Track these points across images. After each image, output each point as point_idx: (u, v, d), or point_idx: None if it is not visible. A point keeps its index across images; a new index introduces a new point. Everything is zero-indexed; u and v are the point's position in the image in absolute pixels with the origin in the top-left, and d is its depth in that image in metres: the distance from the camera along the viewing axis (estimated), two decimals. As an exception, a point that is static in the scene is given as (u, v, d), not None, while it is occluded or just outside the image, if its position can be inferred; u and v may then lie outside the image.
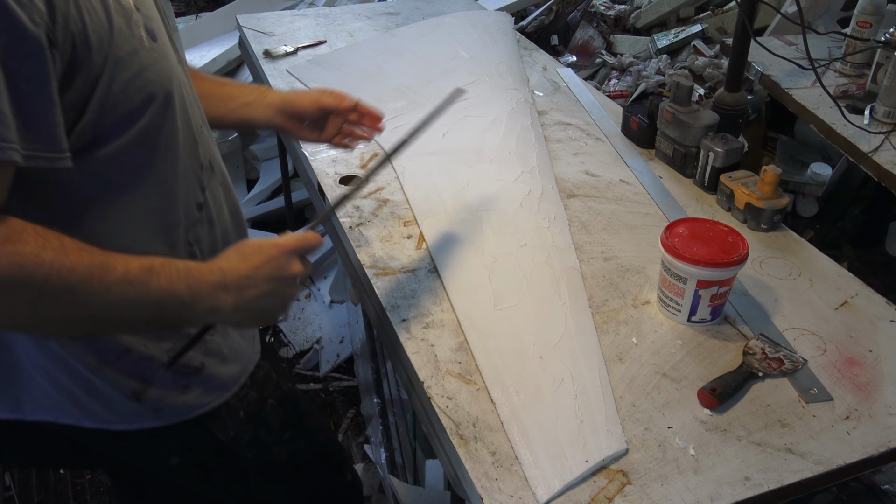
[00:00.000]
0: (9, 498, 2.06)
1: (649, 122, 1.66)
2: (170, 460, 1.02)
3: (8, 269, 0.66)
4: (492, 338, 1.13)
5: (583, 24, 3.55)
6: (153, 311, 0.77)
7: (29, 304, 0.69)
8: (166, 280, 0.77)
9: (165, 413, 0.96)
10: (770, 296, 1.24)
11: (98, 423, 0.95)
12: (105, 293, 0.72)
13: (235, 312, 0.82)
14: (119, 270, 0.73)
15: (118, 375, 0.91)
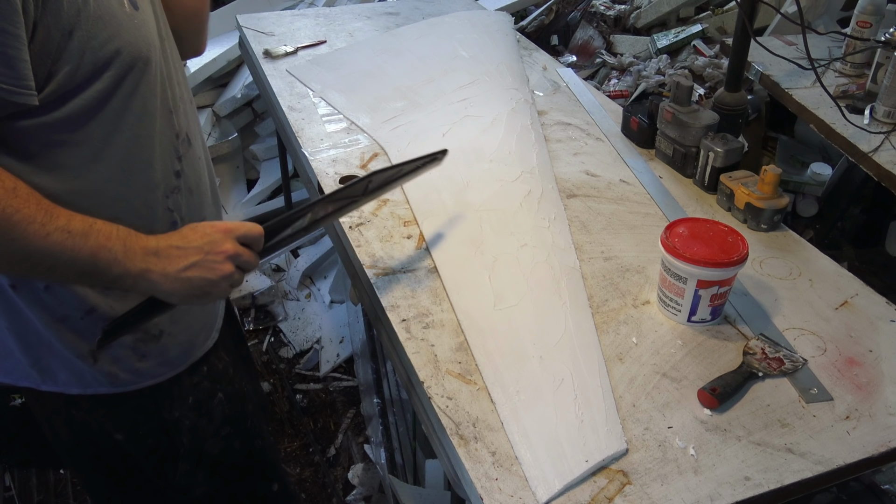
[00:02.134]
0: (9, 498, 2.06)
1: (649, 122, 1.66)
2: (115, 435, 1.04)
3: None
4: (492, 338, 1.13)
5: (583, 24, 3.55)
6: (87, 262, 0.81)
7: None
8: (104, 237, 0.82)
9: (120, 379, 0.99)
10: (770, 296, 1.24)
11: (55, 386, 0.98)
12: (44, 237, 0.77)
13: (165, 279, 0.86)
14: (61, 220, 0.79)
15: (79, 335, 0.94)
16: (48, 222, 0.77)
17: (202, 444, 1.11)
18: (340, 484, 2.07)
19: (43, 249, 0.78)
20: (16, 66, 0.75)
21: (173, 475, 1.11)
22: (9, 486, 2.09)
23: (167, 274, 0.86)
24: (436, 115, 1.77)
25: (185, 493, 1.14)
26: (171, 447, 1.09)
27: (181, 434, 1.08)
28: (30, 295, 0.92)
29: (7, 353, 0.97)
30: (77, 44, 0.80)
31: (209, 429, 1.12)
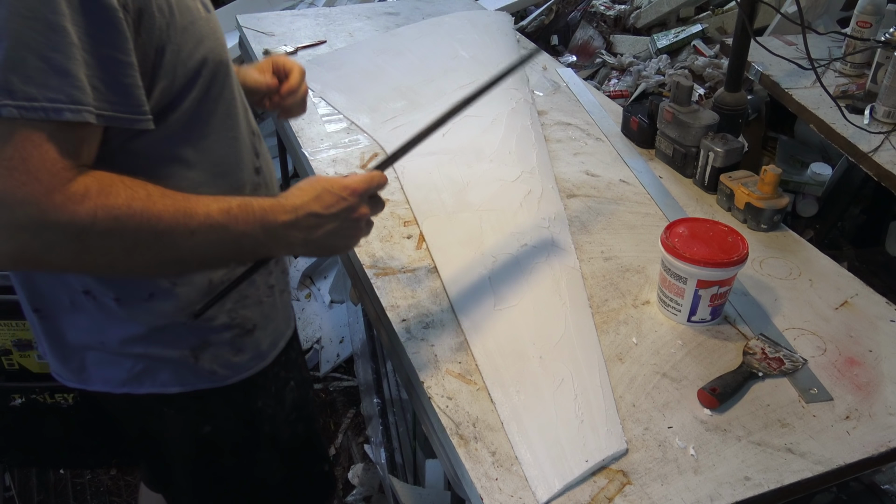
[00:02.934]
0: (9, 498, 2.06)
1: (649, 122, 1.66)
2: (202, 428, 1.06)
3: (104, 221, 0.72)
4: (492, 338, 1.13)
5: (583, 24, 3.55)
6: (233, 250, 0.84)
7: (125, 252, 0.75)
8: (244, 223, 0.82)
9: (218, 375, 1.01)
10: (770, 296, 1.24)
11: (153, 387, 0.98)
12: (190, 237, 0.78)
13: (305, 246, 0.89)
14: (201, 215, 0.79)
15: (181, 337, 0.96)
16: (189, 221, 0.78)
17: (277, 432, 1.13)
18: (340, 484, 2.07)
19: (191, 248, 0.79)
20: (132, 93, 0.75)
21: (252, 467, 1.13)
22: (9, 486, 2.09)
23: (307, 242, 0.88)
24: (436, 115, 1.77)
25: (263, 483, 1.16)
26: (252, 438, 1.11)
27: (263, 423, 1.10)
28: (134, 307, 0.92)
29: (109, 362, 0.97)
30: (169, 58, 0.80)
31: (281, 416, 1.13)
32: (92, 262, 0.75)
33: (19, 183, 0.67)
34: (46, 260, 0.72)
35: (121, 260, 0.76)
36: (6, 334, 1.86)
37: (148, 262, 0.78)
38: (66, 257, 0.72)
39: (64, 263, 0.74)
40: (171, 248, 0.78)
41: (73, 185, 0.70)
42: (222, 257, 0.86)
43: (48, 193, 0.68)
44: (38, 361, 1.92)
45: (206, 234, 0.80)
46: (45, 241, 0.70)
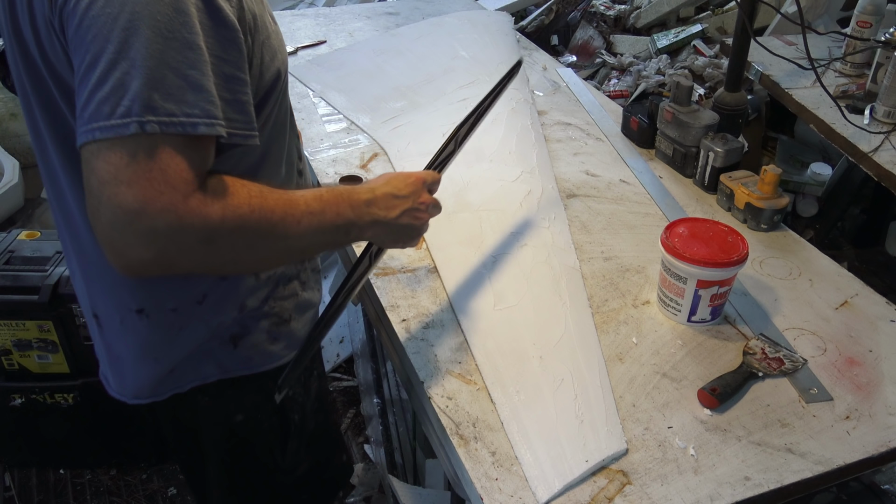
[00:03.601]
0: (9, 498, 2.06)
1: (649, 122, 1.66)
2: (236, 416, 1.10)
3: (232, 220, 0.77)
4: (492, 338, 1.13)
5: (583, 24, 3.55)
6: (332, 232, 0.89)
7: (248, 246, 0.80)
8: (335, 204, 0.89)
9: (254, 361, 1.05)
10: (770, 296, 1.24)
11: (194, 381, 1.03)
12: (297, 225, 0.84)
13: (385, 227, 0.95)
14: (301, 204, 0.85)
15: (224, 327, 1.00)
16: (295, 210, 0.83)
17: (304, 420, 1.18)
18: (346, 478, 2.07)
19: (300, 236, 0.85)
20: (248, 111, 0.80)
21: (282, 456, 1.17)
22: (9, 486, 2.09)
23: (388, 221, 0.94)
24: (436, 115, 1.77)
25: (291, 472, 1.20)
26: (283, 426, 1.15)
27: (293, 412, 1.15)
28: (189, 312, 0.97)
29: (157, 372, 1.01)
30: (256, 72, 0.85)
31: (308, 405, 1.19)
32: (220, 260, 0.80)
33: (158, 192, 0.71)
34: (179, 263, 0.76)
35: (244, 254, 0.81)
36: (6, 334, 1.86)
37: (266, 255, 0.84)
38: (197, 258, 0.77)
39: (193, 264, 0.78)
40: (284, 238, 0.83)
41: (203, 195, 0.75)
42: (323, 241, 0.91)
43: (184, 200, 0.72)
44: (37, 361, 1.92)
45: (309, 221, 0.85)
46: (181, 244, 0.74)
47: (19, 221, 2.92)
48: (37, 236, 1.99)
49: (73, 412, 1.99)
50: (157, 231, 0.71)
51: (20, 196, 2.95)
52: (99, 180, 0.70)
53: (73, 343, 1.89)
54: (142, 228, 0.71)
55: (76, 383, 1.94)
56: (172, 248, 0.73)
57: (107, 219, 0.71)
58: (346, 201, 0.90)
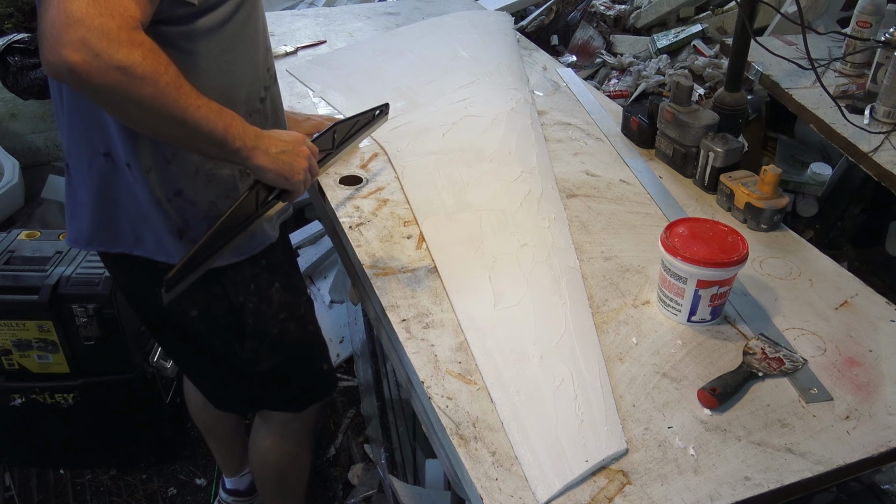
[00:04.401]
0: (9, 498, 2.06)
1: (649, 122, 1.66)
2: (191, 312, 1.29)
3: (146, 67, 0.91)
4: (492, 338, 1.13)
5: (583, 24, 3.55)
6: (220, 135, 1.02)
7: (151, 99, 0.93)
8: (230, 116, 1.04)
9: None
10: (770, 296, 1.24)
11: (145, 252, 1.22)
12: (196, 109, 0.98)
13: (266, 156, 1.09)
14: (204, 100, 1.00)
15: (169, 215, 1.17)
16: (199, 99, 0.98)
17: (264, 325, 1.34)
18: (340, 484, 2.07)
19: (196, 118, 0.98)
20: None
21: (241, 350, 1.35)
22: (9, 486, 2.09)
23: (269, 152, 1.09)
24: (436, 115, 1.77)
25: (253, 365, 1.38)
26: (238, 326, 1.32)
27: (246, 316, 1.31)
28: (139, 175, 1.14)
29: (112, 224, 1.21)
30: None
31: (269, 312, 1.34)
32: (125, 99, 0.92)
33: (98, 13, 0.86)
34: (94, 80, 0.88)
35: (146, 104, 0.93)
36: (6, 334, 1.86)
37: (160, 118, 0.96)
38: (109, 83, 0.89)
39: (105, 89, 0.90)
40: (183, 111, 0.96)
41: (135, 33, 0.90)
42: (212, 139, 1.02)
43: (117, 29, 0.87)
44: (37, 361, 1.92)
45: (207, 112, 0.99)
46: (101, 62, 0.87)
47: (19, 221, 2.92)
48: (37, 236, 1.99)
49: (73, 412, 1.99)
50: (86, 42, 0.85)
51: (20, 196, 2.95)
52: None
53: (73, 343, 1.89)
54: (76, 35, 0.85)
55: (76, 383, 1.94)
56: (94, 61, 0.86)
57: (51, 18, 0.85)
58: (240, 121, 1.06)
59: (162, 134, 1.03)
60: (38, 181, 3.09)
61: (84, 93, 0.93)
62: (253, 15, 1.14)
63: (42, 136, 3.25)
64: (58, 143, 3.32)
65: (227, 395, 1.54)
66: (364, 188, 1.52)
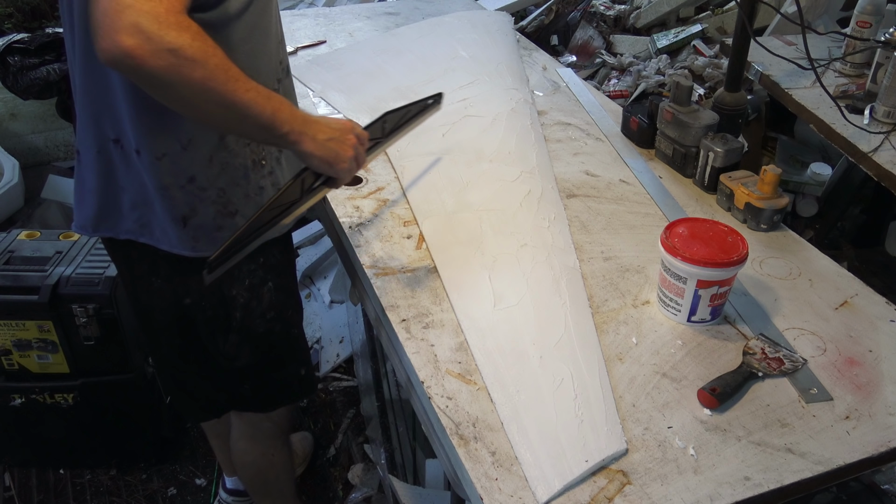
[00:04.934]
0: (9, 498, 2.06)
1: (649, 122, 1.66)
2: (185, 299, 1.31)
3: (198, 48, 0.92)
4: (492, 338, 1.13)
5: (583, 24, 3.55)
6: (268, 118, 1.03)
7: (202, 82, 0.94)
8: (279, 101, 1.05)
9: (200, 244, 1.22)
10: (770, 296, 1.24)
11: (150, 240, 1.23)
12: (245, 92, 0.99)
13: (313, 142, 1.09)
14: (253, 83, 1.01)
15: (177, 201, 1.18)
16: (248, 83, 0.99)
17: (251, 322, 1.35)
18: (340, 484, 2.07)
19: (245, 101, 0.99)
20: None
21: (224, 344, 1.36)
22: (9, 486, 2.09)
23: (316, 138, 1.09)
24: (436, 115, 1.77)
25: (232, 360, 1.39)
26: (225, 319, 1.33)
27: (236, 309, 1.32)
28: (149, 161, 1.15)
29: (117, 210, 1.22)
30: None
31: (258, 310, 1.35)
32: (177, 83, 0.93)
33: (158, 11, 0.89)
34: (147, 64, 0.90)
35: (196, 88, 0.95)
36: (6, 334, 1.86)
37: (213, 100, 0.97)
38: (160, 68, 0.91)
39: (157, 73, 0.92)
40: (232, 94, 0.97)
41: (182, 17, 0.92)
42: (259, 123, 1.03)
43: (165, 13, 0.90)
44: (37, 361, 1.92)
45: (256, 96, 1.00)
46: (153, 45, 0.89)
47: (19, 221, 2.92)
48: (37, 236, 1.99)
49: (73, 412, 1.99)
50: (139, 25, 0.88)
51: (20, 196, 2.95)
52: None
53: (73, 343, 1.89)
54: (128, 19, 0.88)
55: (76, 383, 1.94)
56: (146, 44, 0.89)
57: (102, 7, 0.88)
58: (290, 107, 1.07)
59: (211, 118, 1.04)
60: (38, 181, 3.09)
61: (138, 78, 0.94)
62: (269, 5, 1.16)
63: (42, 136, 3.25)
64: (58, 143, 3.33)
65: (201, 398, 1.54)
66: (364, 188, 1.52)
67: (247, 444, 1.61)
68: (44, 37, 3.09)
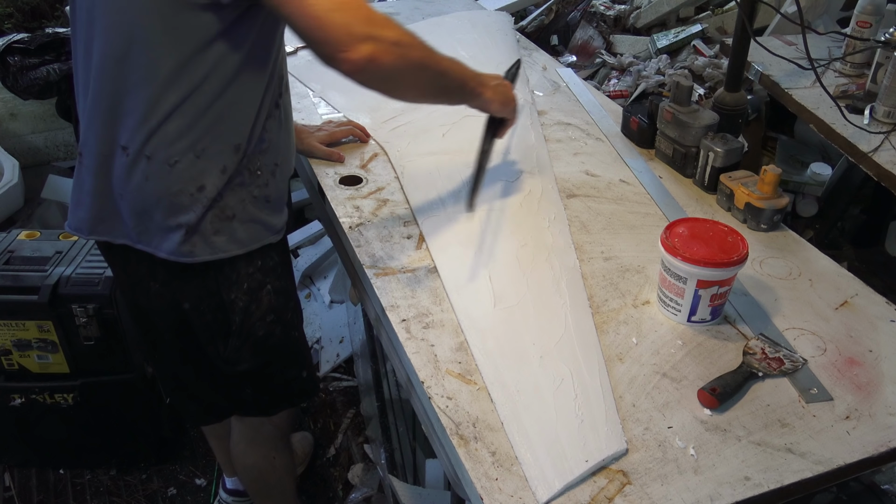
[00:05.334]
0: (9, 498, 2.06)
1: (649, 122, 1.66)
2: (183, 304, 1.30)
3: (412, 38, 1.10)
4: (492, 338, 1.13)
5: (583, 24, 3.55)
6: (462, 80, 1.24)
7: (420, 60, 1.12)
8: (457, 62, 1.22)
9: (196, 250, 1.22)
10: (770, 296, 1.24)
11: (147, 247, 1.23)
12: (443, 59, 1.17)
13: (490, 90, 1.29)
14: (449, 56, 1.19)
15: (182, 209, 1.18)
16: (447, 59, 1.18)
17: (250, 325, 1.34)
18: (340, 484, 2.07)
19: (447, 68, 1.19)
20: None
21: (224, 349, 1.35)
22: (9, 486, 2.09)
23: (489, 85, 1.28)
24: (436, 115, 1.77)
25: (232, 365, 1.38)
26: (225, 324, 1.33)
27: (235, 314, 1.32)
28: (159, 167, 1.15)
29: (114, 215, 1.22)
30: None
31: (257, 314, 1.34)
32: (406, 70, 1.10)
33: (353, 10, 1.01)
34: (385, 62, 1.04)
35: (420, 68, 1.13)
36: (6, 334, 1.86)
37: (431, 75, 1.16)
38: (393, 61, 1.05)
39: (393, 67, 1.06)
40: (438, 63, 1.16)
41: (380, 15, 1.04)
42: (455, 85, 1.23)
43: (373, 17, 1.03)
44: (37, 362, 1.92)
45: (447, 59, 1.18)
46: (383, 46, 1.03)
47: (19, 221, 2.92)
48: (37, 236, 1.99)
49: (73, 412, 1.99)
50: (369, 33, 1.01)
51: (20, 196, 2.95)
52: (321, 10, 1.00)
53: (72, 343, 1.89)
54: (356, 33, 1.01)
55: (76, 383, 1.94)
56: (379, 46, 1.02)
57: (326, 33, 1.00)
58: (461, 65, 1.23)
59: (426, 91, 1.21)
60: (38, 181, 3.09)
61: (380, 77, 1.08)
62: (280, 26, 1.19)
63: (42, 136, 3.25)
64: (58, 143, 3.33)
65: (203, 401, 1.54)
66: (364, 188, 1.52)
67: (248, 446, 1.62)
68: (44, 37, 3.09)
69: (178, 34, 1.08)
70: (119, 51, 1.10)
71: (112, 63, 1.11)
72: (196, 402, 1.54)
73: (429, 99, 1.28)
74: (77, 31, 1.17)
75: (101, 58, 1.12)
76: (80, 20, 1.15)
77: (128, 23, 1.08)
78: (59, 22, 3.86)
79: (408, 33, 1.09)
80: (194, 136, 1.14)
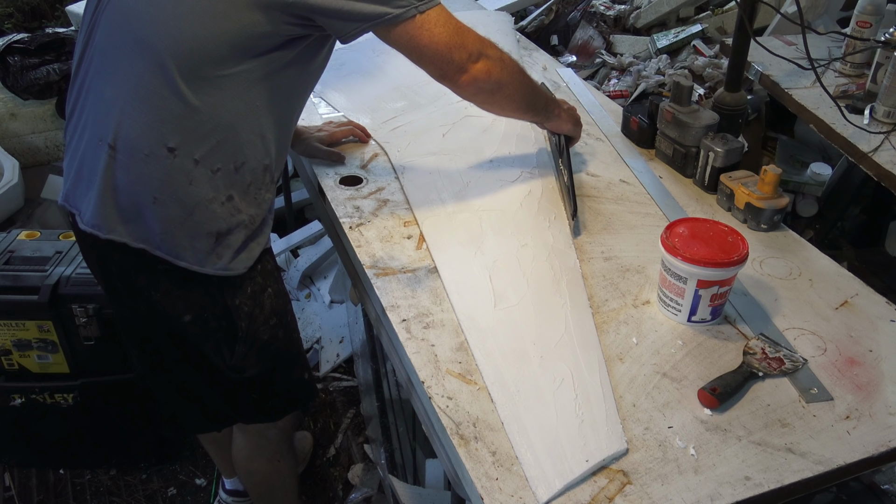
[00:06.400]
0: (9, 498, 2.06)
1: (649, 122, 1.66)
2: (184, 316, 1.27)
3: (509, 58, 1.30)
4: (492, 338, 1.13)
5: (583, 24, 3.55)
6: (544, 101, 1.45)
7: (517, 77, 1.33)
8: (544, 90, 1.48)
9: (198, 256, 1.20)
10: (770, 296, 1.24)
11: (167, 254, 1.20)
12: (538, 86, 1.43)
13: (563, 112, 1.50)
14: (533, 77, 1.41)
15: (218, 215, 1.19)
16: (532, 80, 1.39)
17: (255, 330, 1.34)
18: (340, 484, 2.07)
19: (534, 84, 1.40)
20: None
21: (230, 356, 1.34)
22: (9, 486, 2.09)
23: (562, 107, 1.49)
24: (436, 115, 1.77)
25: (239, 372, 1.36)
26: (231, 330, 1.31)
27: (240, 319, 1.30)
28: (205, 171, 1.16)
29: (140, 218, 1.18)
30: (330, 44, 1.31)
31: (261, 318, 1.34)
32: (510, 83, 1.30)
33: (460, 34, 1.22)
34: (495, 77, 1.26)
35: (519, 82, 1.33)
36: (6, 334, 1.86)
37: (526, 89, 1.36)
38: (499, 75, 1.26)
39: (499, 82, 1.27)
40: (530, 79, 1.38)
41: (477, 34, 1.24)
42: (544, 100, 1.44)
43: (476, 38, 1.23)
44: (37, 362, 1.92)
45: (537, 90, 1.42)
46: (490, 63, 1.24)
47: (19, 221, 2.92)
48: (37, 236, 1.99)
49: (73, 412, 1.99)
50: (476, 54, 1.22)
51: (20, 196, 2.95)
52: (445, 37, 1.19)
53: (72, 343, 1.89)
54: (466, 54, 1.20)
55: (76, 383, 1.94)
56: (486, 63, 1.23)
57: (441, 61, 1.22)
58: (548, 92, 1.49)
59: (520, 106, 1.38)
60: (38, 181, 3.09)
61: (490, 91, 1.27)
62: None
63: (42, 136, 3.25)
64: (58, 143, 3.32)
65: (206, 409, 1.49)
66: (364, 188, 1.52)
67: (252, 452, 1.60)
68: (44, 37, 3.09)
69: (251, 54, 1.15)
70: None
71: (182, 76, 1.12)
72: (198, 410, 1.50)
73: (518, 111, 1.41)
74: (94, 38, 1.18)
75: (156, 64, 1.12)
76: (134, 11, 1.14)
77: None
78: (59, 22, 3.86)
79: (505, 51, 1.26)
80: (236, 150, 1.18)
